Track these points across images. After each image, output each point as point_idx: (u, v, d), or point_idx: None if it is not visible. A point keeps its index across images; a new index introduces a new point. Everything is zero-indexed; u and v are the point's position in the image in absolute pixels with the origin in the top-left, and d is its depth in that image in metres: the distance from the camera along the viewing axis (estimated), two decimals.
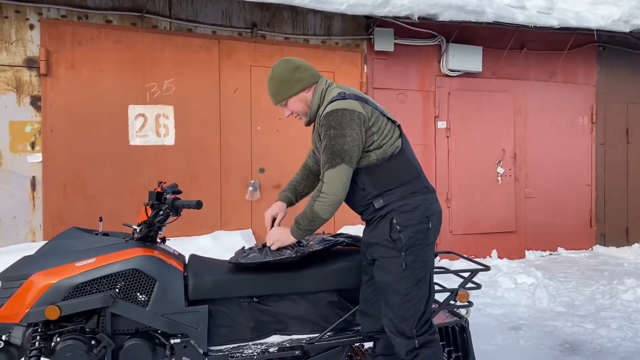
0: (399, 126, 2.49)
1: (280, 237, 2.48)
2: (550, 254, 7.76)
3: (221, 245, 5.58)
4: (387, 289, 2.35)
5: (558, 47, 7.62)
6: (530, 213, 7.70)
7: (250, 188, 6.18)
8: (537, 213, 7.74)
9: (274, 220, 2.62)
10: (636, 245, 7.94)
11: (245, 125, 6.20)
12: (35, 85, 5.33)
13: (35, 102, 5.34)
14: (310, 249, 2.48)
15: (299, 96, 2.47)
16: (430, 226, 2.37)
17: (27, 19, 5.31)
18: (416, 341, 2.33)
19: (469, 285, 2.77)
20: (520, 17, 6.69)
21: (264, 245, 2.54)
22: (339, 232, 3.76)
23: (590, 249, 8.08)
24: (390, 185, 2.37)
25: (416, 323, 2.34)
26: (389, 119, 2.46)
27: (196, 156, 5.98)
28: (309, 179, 2.76)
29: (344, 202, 2.54)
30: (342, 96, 2.36)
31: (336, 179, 2.30)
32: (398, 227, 2.32)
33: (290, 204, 2.70)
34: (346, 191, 2.34)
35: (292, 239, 2.46)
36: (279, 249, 2.47)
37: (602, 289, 5.72)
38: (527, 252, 7.61)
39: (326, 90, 2.47)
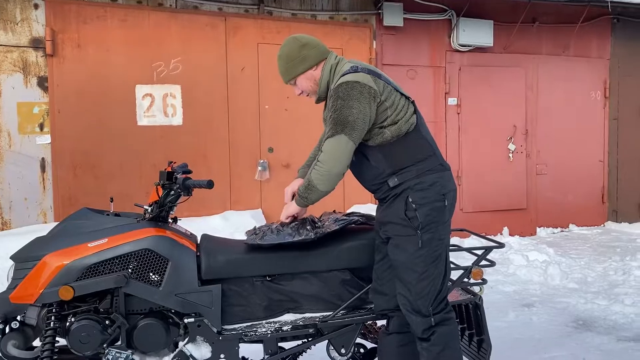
0: (413, 102, 2.44)
1: (286, 207, 2.50)
2: (562, 231, 7.72)
3: (231, 225, 5.58)
4: (402, 268, 2.33)
5: (571, 20, 7.45)
6: (542, 190, 7.63)
7: (260, 168, 6.15)
8: (549, 190, 7.67)
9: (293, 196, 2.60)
10: None
11: (253, 104, 6.15)
12: (41, 65, 5.30)
13: (42, 82, 5.31)
14: (328, 229, 2.46)
15: (306, 74, 2.43)
16: (446, 204, 2.34)
17: None
18: (432, 319, 2.31)
19: (483, 262, 2.74)
20: None
21: (283, 225, 2.52)
22: (350, 210, 3.73)
23: (602, 225, 8.02)
24: (406, 163, 2.32)
25: (432, 301, 2.32)
26: (402, 94, 2.40)
27: (204, 136, 5.95)
28: None
29: (356, 180, 2.51)
30: (355, 69, 2.31)
31: (332, 149, 2.25)
32: (414, 205, 2.28)
33: None
34: (343, 164, 2.27)
35: (294, 207, 2.45)
36: (298, 230, 2.45)
37: (615, 265, 5.67)
38: (538, 229, 7.56)
39: (336, 66, 2.42)
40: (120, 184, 5.55)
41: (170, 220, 2.56)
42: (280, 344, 2.56)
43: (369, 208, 6.10)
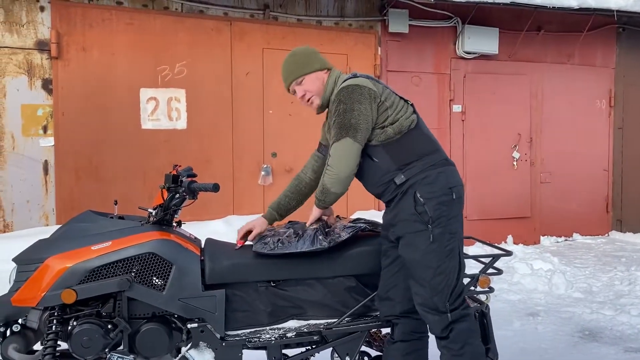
0: (412, 105, 2.51)
1: (312, 213, 2.56)
2: (566, 240, 7.67)
3: (234, 229, 5.51)
4: (416, 265, 2.31)
5: (576, 29, 7.44)
6: (546, 198, 7.59)
7: (263, 173, 6.13)
8: (553, 198, 7.63)
9: (246, 234, 2.59)
10: None
11: (257, 108, 6.13)
12: (46, 68, 5.29)
13: (47, 85, 5.31)
14: (340, 238, 2.43)
15: (317, 74, 2.51)
16: (454, 197, 2.33)
17: (38, 1, 5.25)
18: (449, 315, 2.28)
19: (490, 270, 2.71)
20: None
21: (296, 232, 2.48)
22: (355, 217, 3.70)
23: (606, 234, 7.97)
24: (410, 158, 2.35)
25: (449, 297, 2.28)
26: (401, 97, 2.49)
27: (208, 140, 5.93)
28: (298, 192, 2.68)
29: (359, 186, 2.52)
30: (354, 75, 2.45)
31: (339, 152, 2.32)
32: (422, 200, 2.28)
33: (273, 221, 2.66)
34: (351, 166, 2.33)
35: (317, 211, 2.52)
36: (311, 239, 2.43)
37: (620, 275, 5.62)
38: (542, 238, 7.52)
39: (338, 78, 2.53)
40: (123, 187, 5.53)
41: (174, 224, 2.53)
42: (284, 351, 2.52)
43: (372, 214, 6.06)
